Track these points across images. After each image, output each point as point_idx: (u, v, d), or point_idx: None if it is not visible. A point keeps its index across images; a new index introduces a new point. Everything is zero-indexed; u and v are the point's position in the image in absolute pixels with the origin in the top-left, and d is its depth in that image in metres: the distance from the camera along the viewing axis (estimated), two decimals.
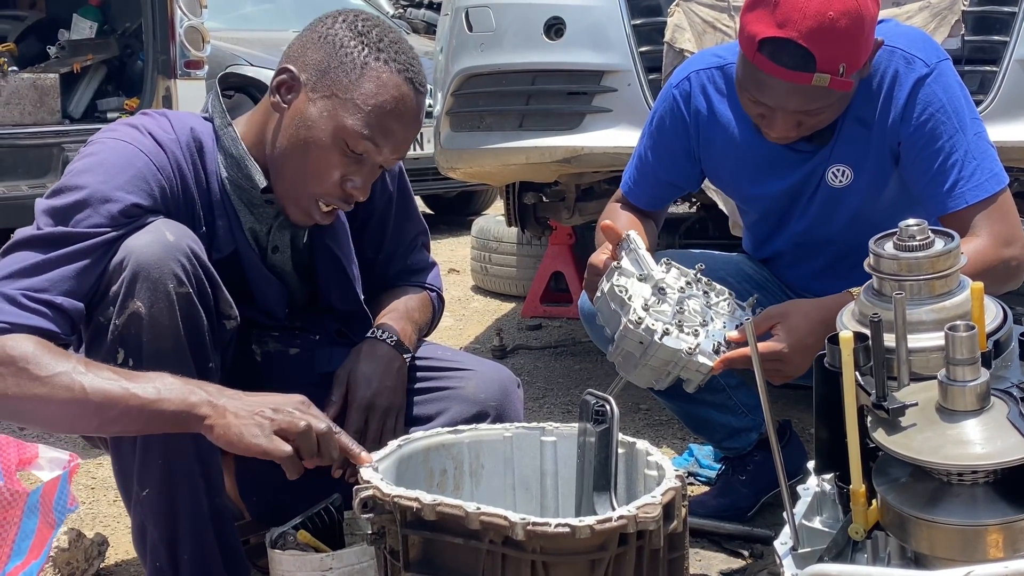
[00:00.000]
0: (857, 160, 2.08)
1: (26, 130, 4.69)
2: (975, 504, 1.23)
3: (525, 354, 3.96)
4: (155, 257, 1.63)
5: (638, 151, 2.31)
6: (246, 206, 1.87)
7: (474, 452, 1.76)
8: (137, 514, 1.76)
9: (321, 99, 1.77)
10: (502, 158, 3.20)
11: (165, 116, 1.83)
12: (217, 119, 1.86)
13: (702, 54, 2.32)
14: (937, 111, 1.98)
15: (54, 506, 1.61)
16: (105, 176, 1.69)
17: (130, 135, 1.76)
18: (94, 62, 5.18)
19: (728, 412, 2.30)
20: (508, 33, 3.16)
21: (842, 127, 2.07)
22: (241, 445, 1.56)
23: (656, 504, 1.38)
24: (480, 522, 1.34)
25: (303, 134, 1.78)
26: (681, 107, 2.20)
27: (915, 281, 1.34)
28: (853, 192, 2.11)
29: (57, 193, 1.69)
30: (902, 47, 2.02)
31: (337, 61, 1.77)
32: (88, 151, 1.76)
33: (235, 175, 1.84)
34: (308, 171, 1.79)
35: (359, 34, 1.79)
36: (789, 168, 2.14)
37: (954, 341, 1.23)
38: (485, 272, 5.07)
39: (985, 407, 1.24)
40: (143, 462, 1.70)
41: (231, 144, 1.84)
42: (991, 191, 1.95)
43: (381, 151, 1.79)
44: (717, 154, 2.20)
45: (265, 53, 6.39)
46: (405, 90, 1.78)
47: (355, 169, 1.80)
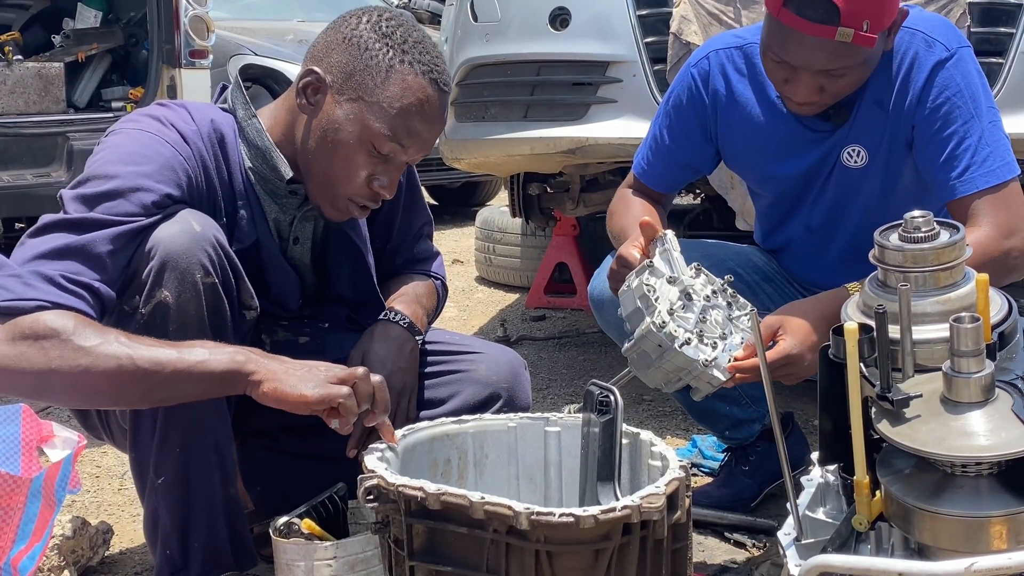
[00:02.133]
0: (873, 142, 2.08)
1: (31, 119, 4.68)
2: (979, 495, 1.23)
3: (529, 345, 3.97)
4: (183, 247, 1.65)
5: (652, 132, 2.29)
6: (270, 196, 1.89)
7: (478, 442, 1.76)
8: (151, 502, 1.76)
9: (347, 102, 1.80)
10: (506, 148, 3.19)
11: (184, 107, 1.84)
12: (240, 110, 1.88)
13: (722, 35, 2.31)
14: (954, 95, 1.98)
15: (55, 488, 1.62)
16: (135, 165, 1.70)
17: (154, 126, 1.77)
18: (99, 51, 5.17)
19: (732, 403, 2.30)
20: (513, 23, 3.15)
21: (860, 107, 2.06)
22: (294, 397, 1.58)
23: (660, 494, 1.38)
24: (484, 511, 1.34)
25: (331, 136, 1.81)
26: (700, 86, 2.19)
27: (920, 273, 1.34)
28: (867, 175, 2.10)
29: (85, 182, 1.70)
30: (924, 30, 2.02)
31: (363, 64, 1.80)
32: (112, 141, 1.77)
33: (260, 166, 1.87)
34: (337, 172, 1.82)
35: (384, 35, 1.81)
36: (807, 148, 2.14)
37: (959, 333, 1.23)
38: (489, 263, 5.07)
39: (989, 399, 1.24)
40: (160, 451, 1.71)
41: (256, 135, 1.86)
42: (1002, 178, 1.96)
43: (407, 151, 1.83)
44: (736, 134, 2.19)
45: (270, 43, 6.39)
46: (430, 92, 1.81)
47: (382, 169, 1.83)
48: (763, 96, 2.13)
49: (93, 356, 1.54)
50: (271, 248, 1.89)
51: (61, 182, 4.50)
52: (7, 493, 1.59)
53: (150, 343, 1.59)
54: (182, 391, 1.62)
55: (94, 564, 2.12)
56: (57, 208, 1.69)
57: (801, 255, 2.30)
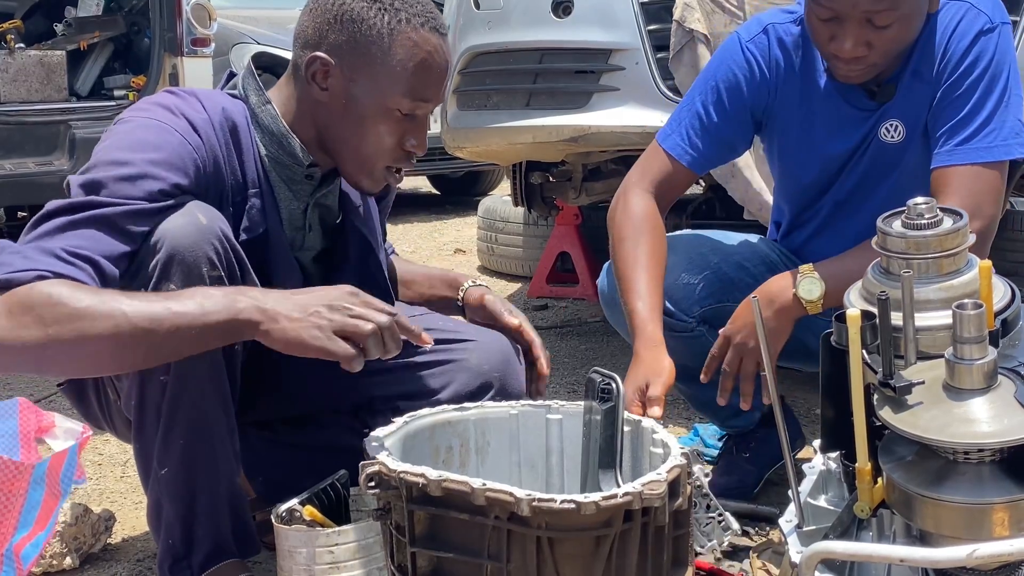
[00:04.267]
0: (912, 115, 2.07)
1: (33, 107, 4.69)
2: (981, 482, 1.23)
3: None
4: (189, 240, 1.64)
5: (693, 108, 2.20)
6: (285, 183, 1.89)
7: (480, 429, 1.76)
8: (154, 491, 1.76)
9: (361, 77, 1.80)
10: (509, 137, 3.19)
11: (194, 95, 1.82)
12: (253, 96, 1.87)
13: (774, 10, 2.26)
14: (986, 67, 1.98)
15: (61, 477, 1.62)
16: (142, 152, 1.68)
17: (163, 115, 1.75)
18: (101, 39, 5.17)
19: (734, 392, 2.30)
20: (515, 11, 3.14)
21: (902, 83, 2.06)
22: (301, 347, 1.58)
23: (661, 481, 1.38)
24: (486, 498, 1.34)
25: (353, 114, 1.82)
26: (759, 62, 2.16)
27: (923, 260, 1.34)
28: (905, 151, 2.09)
29: (92, 168, 1.68)
30: (971, 1, 2.02)
31: (363, 37, 1.79)
32: (121, 129, 1.75)
33: (275, 152, 1.86)
34: (370, 144, 1.83)
35: (373, 2, 1.79)
36: (851, 127, 2.13)
37: (962, 320, 1.23)
38: (491, 252, 5.07)
39: (992, 385, 1.24)
40: (165, 441, 1.71)
41: (271, 121, 1.86)
42: (996, 157, 1.96)
43: (429, 103, 1.84)
44: (792, 108, 2.16)
45: (271, 31, 6.39)
46: (434, 41, 1.82)
47: (410, 128, 1.84)
48: (815, 75, 2.12)
49: (88, 319, 1.51)
50: (279, 239, 1.88)
51: (63, 170, 4.50)
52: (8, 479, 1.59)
53: (147, 297, 1.57)
54: (187, 347, 1.59)
55: (96, 551, 2.12)
56: (60, 195, 1.68)
57: (823, 232, 2.29)
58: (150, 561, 2.10)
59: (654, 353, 1.96)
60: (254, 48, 6.11)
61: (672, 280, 2.16)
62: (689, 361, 2.21)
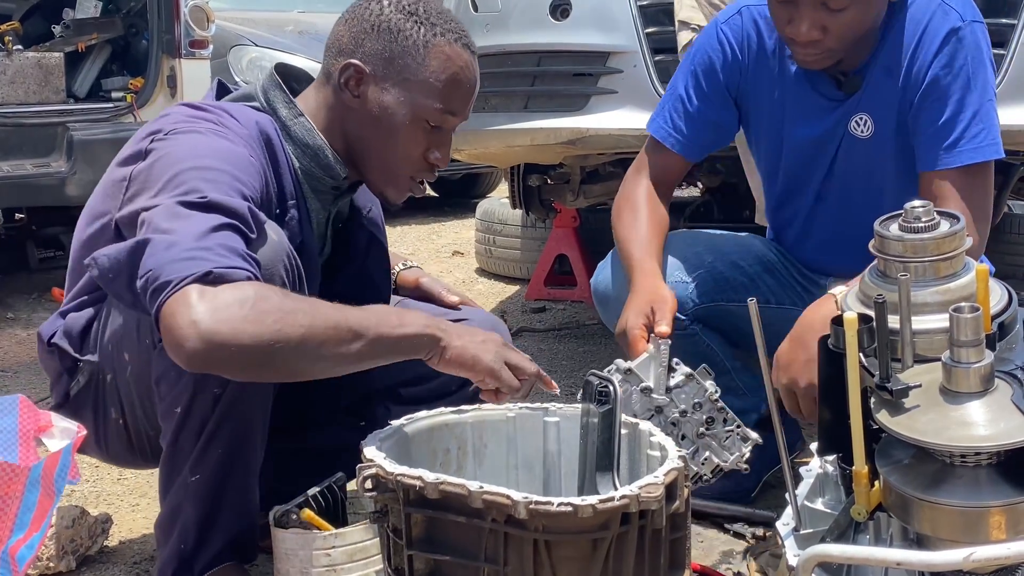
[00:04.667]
0: (881, 112, 2.07)
1: (31, 109, 4.68)
2: (978, 486, 1.23)
3: (529, 336, 3.96)
4: (267, 257, 1.64)
5: (675, 93, 2.25)
6: (314, 194, 1.92)
7: (477, 432, 1.76)
8: (176, 496, 1.76)
9: (393, 86, 1.84)
10: (507, 139, 3.18)
11: (222, 109, 1.81)
12: (284, 109, 1.89)
13: None
14: (961, 67, 1.98)
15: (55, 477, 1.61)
16: (221, 163, 1.67)
17: (215, 128, 1.75)
18: (98, 41, 5.16)
19: (730, 393, 2.29)
20: (514, 13, 3.14)
21: (870, 76, 2.06)
22: (474, 365, 1.68)
23: (658, 484, 1.38)
24: (483, 501, 1.34)
25: (385, 122, 1.85)
26: (732, 43, 2.18)
27: (920, 263, 1.34)
28: (875, 147, 2.09)
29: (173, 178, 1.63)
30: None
31: (400, 47, 1.83)
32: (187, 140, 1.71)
33: (308, 164, 1.88)
34: (398, 153, 1.87)
35: (410, 14, 1.84)
36: (819, 116, 2.13)
37: (958, 323, 1.23)
38: (489, 255, 5.07)
39: (989, 389, 1.24)
40: (204, 450, 1.72)
41: (306, 134, 1.87)
42: (987, 157, 1.97)
43: (457, 118, 1.89)
44: (764, 89, 2.18)
45: (269, 33, 6.39)
46: (466, 57, 1.87)
47: (436, 140, 1.88)
48: (788, 58, 2.13)
49: (311, 318, 1.53)
50: (312, 249, 1.90)
51: (61, 172, 4.50)
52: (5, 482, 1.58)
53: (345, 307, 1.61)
54: (380, 355, 1.64)
55: (92, 553, 2.12)
56: (58, 197, 1.68)
57: (808, 231, 2.29)
58: (147, 564, 2.10)
59: (653, 282, 1.99)
60: (252, 50, 6.13)
61: (665, 279, 2.17)
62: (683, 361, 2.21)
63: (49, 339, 1.86)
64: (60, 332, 1.85)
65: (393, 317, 1.64)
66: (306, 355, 1.54)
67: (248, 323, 1.47)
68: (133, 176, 1.72)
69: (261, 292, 1.51)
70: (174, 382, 1.68)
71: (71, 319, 1.84)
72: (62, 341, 1.84)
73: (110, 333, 1.79)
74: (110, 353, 1.80)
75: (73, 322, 1.84)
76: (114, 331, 1.78)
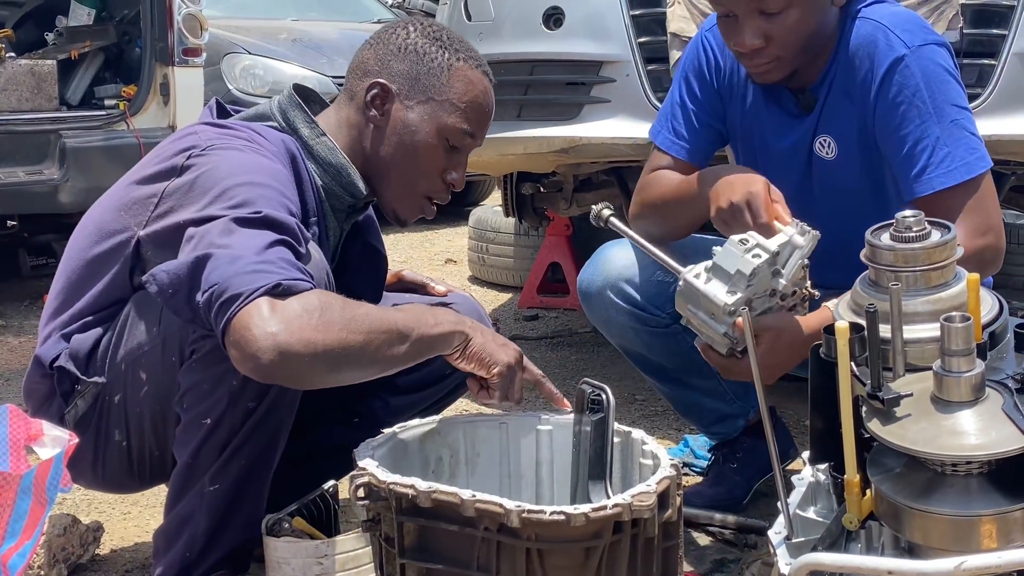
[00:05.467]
0: (842, 133, 2.08)
1: (23, 116, 4.67)
2: (969, 495, 1.23)
3: (522, 344, 3.89)
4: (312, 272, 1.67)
5: (672, 101, 2.26)
6: (333, 212, 1.96)
7: (470, 440, 1.76)
8: (190, 505, 1.78)
9: (418, 105, 1.90)
10: (500, 148, 3.19)
11: (250, 128, 1.84)
12: (305, 129, 1.92)
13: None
14: (912, 94, 1.97)
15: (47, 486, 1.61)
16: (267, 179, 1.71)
17: (250, 146, 1.78)
18: (92, 49, 5.16)
19: (717, 397, 2.31)
20: (507, 22, 3.14)
21: (828, 96, 2.08)
22: (490, 360, 1.72)
23: (651, 493, 1.38)
24: (475, 509, 1.34)
25: (407, 140, 1.91)
26: (715, 50, 2.20)
27: (911, 272, 1.35)
28: (841, 168, 2.10)
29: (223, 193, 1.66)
30: (888, 24, 2.02)
31: (425, 68, 1.90)
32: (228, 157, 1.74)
33: (330, 183, 1.92)
34: (417, 172, 1.93)
35: (435, 39, 1.93)
36: (784, 130, 2.15)
37: (950, 332, 1.23)
38: (482, 262, 5.07)
39: (980, 398, 1.24)
40: (226, 463, 1.74)
41: (328, 153, 1.91)
42: (960, 179, 1.95)
43: (476, 139, 1.95)
44: (738, 97, 2.20)
45: (263, 41, 6.38)
46: (486, 83, 1.96)
47: (454, 162, 1.94)
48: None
49: (369, 324, 1.58)
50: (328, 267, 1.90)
51: (54, 179, 4.49)
52: None
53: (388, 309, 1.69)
54: (421, 353, 1.68)
55: (84, 562, 2.12)
56: (51, 204, 1.69)
57: None
58: (138, 572, 2.10)
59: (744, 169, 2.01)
60: (245, 58, 6.12)
61: (647, 276, 2.20)
62: (667, 361, 2.22)
63: (51, 363, 1.85)
64: (65, 355, 1.83)
65: (429, 316, 1.69)
66: (365, 360, 1.61)
67: (318, 332, 1.53)
68: (167, 192, 1.74)
69: (325, 301, 1.57)
70: (206, 395, 1.70)
71: (77, 341, 1.83)
72: (68, 364, 1.83)
73: (124, 352, 1.79)
74: (122, 372, 1.80)
75: (79, 344, 1.83)
76: (130, 350, 1.78)
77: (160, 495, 2.33)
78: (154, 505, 2.43)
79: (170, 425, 1.78)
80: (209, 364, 1.68)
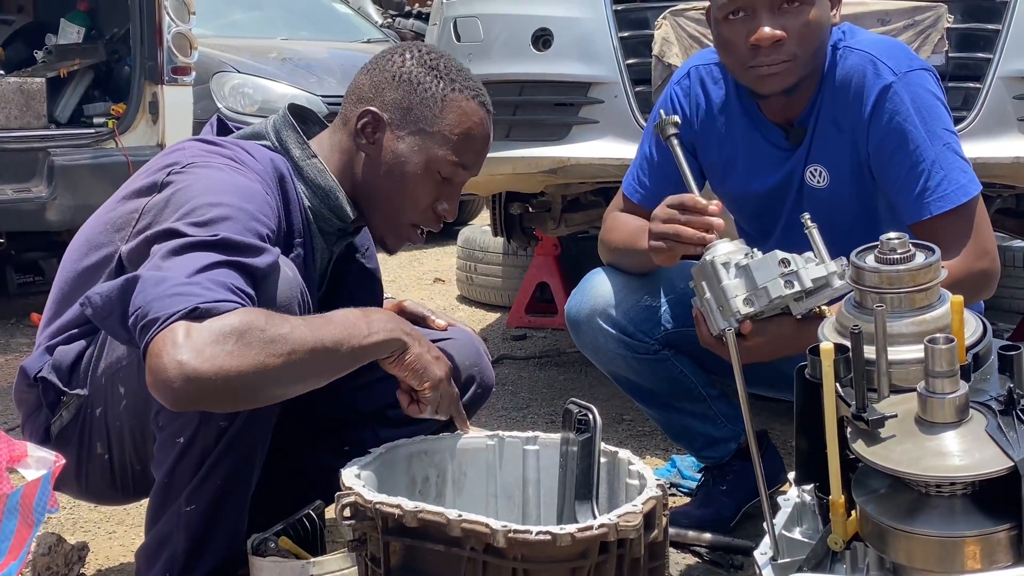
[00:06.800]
0: (833, 162, 2.10)
1: (12, 134, 4.67)
2: (953, 516, 1.24)
3: (509, 364, 3.97)
4: (283, 291, 1.66)
5: (642, 152, 2.31)
6: (321, 234, 1.94)
7: (457, 460, 1.76)
8: (167, 525, 1.76)
9: (409, 135, 1.88)
10: (489, 168, 3.16)
11: (239, 146, 1.83)
12: (296, 150, 1.91)
13: (703, 52, 2.36)
14: (904, 120, 2.00)
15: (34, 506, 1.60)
16: (240, 199, 1.68)
17: (230, 165, 1.76)
18: (81, 67, 5.16)
19: (707, 422, 2.31)
20: (496, 44, 3.16)
21: (816, 126, 2.10)
22: (424, 372, 1.73)
23: (637, 513, 1.38)
24: (462, 529, 1.34)
25: (397, 170, 1.88)
26: (682, 102, 2.24)
27: (896, 294, 1.36)
28: (834, 196, 2.12)
29: (193, 211, 1.65)
30: (874, 53, 2.05)
31: (418, 98, 1.88)
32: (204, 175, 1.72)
33: (318, 205, 1.91)
34: (405, 202, 1.90)
35: (431, 68, 1.90)
36: (772, 166, 2.17)
37: (934, 354, 1.24)
38: (471, 282, 5.08)
39: (964, 419, 1.25)
40: (203, 481, 1.72)
41: (318, 175, 1.90)
42: (957, 202, 1.98)
43: (468, 171, 1.93)
44: (713, 148, 2.22)
45: (252, 60, 6.40)
46: (482, 114, 1.93)
47: (444, 192, 1.92)
48: (737, 111, 2.17)
49: (291, 343, 1.54)
50: (313, 286, 1.90)
51: (41, 197, 4.48)
52: None
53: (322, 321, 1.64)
54: (351, 364, 1.66)
55: None
56: (39, 222, 1.69)
57: None
58: None
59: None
60: (235, 77, 6.13)
61: (634, 302, 2.21)
62: (656, 386, 2.23)
63: (35, 375, 1.84)
64: (48, 367, 1.83)
65: (362, 325, 1.66)
66: (288, 380, 1.58)
67: (232, 358, 1.48)
68: (146, 208, 1.73)
69: (246, 322, 1.51)
70: (178, 413, 1.68)
71: (60, 352, 1.83)
72: (50, 375, 1.82)
73: (105, 366, 1.78)
74: (103, 386, 1.79)
75: (62, 356, 1.83)
76: (110, 364, 1.78)
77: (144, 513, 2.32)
78: (139, 524, 2.42)
79: (149, 440, 1.77)
80: None
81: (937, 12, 2.71)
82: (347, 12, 8.24)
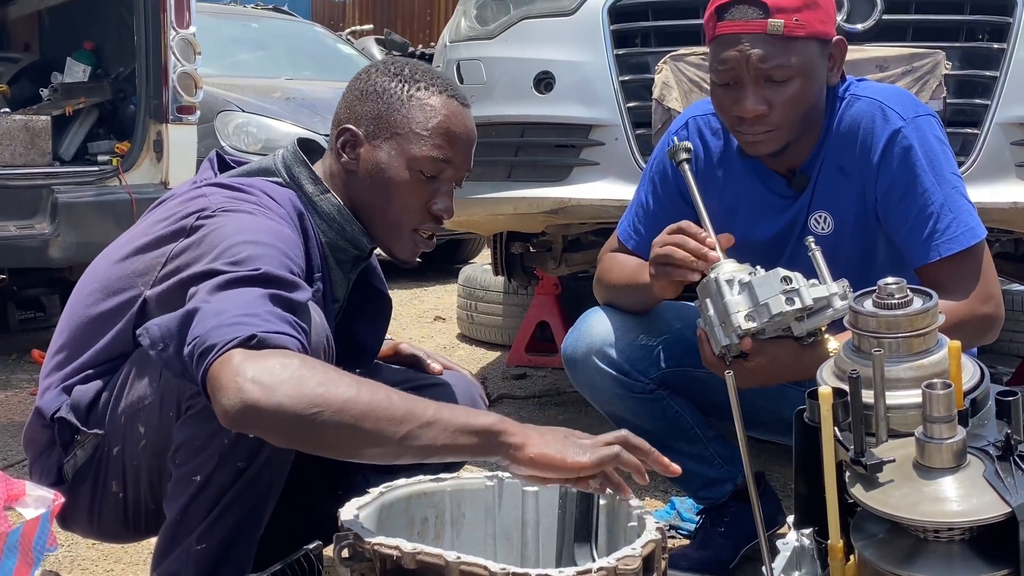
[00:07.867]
0: (838, 208, 2.12)
1: (16, 171, 4.68)
2: (951, 561, 1.24)
3: (509, 403, 3.97)
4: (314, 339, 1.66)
5: (638, 199, 2.33)
6: (338, 265, 1.98)
7: (456, 501, 1.76)
8: (177, 562, 1.76)
9: (383, 142, 1.91)
10: (490, 208, 3.22)
11: (255, 187, 1.84)
12: (310, 186, 1.94)
13: (701, 102, 2.38)
14: (914, 164, 2.03)
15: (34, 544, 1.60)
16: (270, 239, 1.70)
17: (258, 209, 1.78)
18: (86, 105, 5.20)
19: (704, 463, 2.31)
20: (498, 86, 3.19)
21: (821, 173, 2.12)
22: (561, 462, 1.53)
23: (636, 556, 1.38)
24: (460, 571, 1.34)
25: (380, 179, 1.91)
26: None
27: (894, 339, 1.36)
28: (838, 242, 2.13)
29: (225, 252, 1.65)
30: (881, 99, 2.08)
31: (385, 105, 1.92)
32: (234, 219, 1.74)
33: (334, 238, 1.94)
34: (397, 208, 1.93)
35: (394, 75, 1.94)
36: (774, 214, 2.18)
37: (931, 399, 1.25)
38: (471, 320, 5.08)
39: (962, 464, 1.25)
40: (215, 522, 1.72)
41: (333, 210, 1.93)
42: (966, 244, 2.00)
43: (452, 165, 1.93)
44: (714, 198, 2.22)
45: (256, 99, 6.44)
46: (453, 105, 1.94)
47: (435, 191, 1.93)
48: (736, 161, 2.19)
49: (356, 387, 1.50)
50: (331, 318, 1.91)
51: (45, 234, 4.50)
52: None
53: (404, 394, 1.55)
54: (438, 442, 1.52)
55: None
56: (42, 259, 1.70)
57: None
58: None
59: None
60: (239, 116, 6.17)
61: (630, 341, 2.21)
62: (652, 426, 2.23)
63: (52, 414, 1.85)
64: (66, 406, 1.84)
65: (460, 409, 1.58)
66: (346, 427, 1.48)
67: (288, 385, 1.47)
68: (174, 253, 1.75)
69: (307, 361, 1.52)
70: (197, 451, 1.69)
71: (78, 392, 1.84)
72: (68, 415, 1.83)
73: (125, 405, 1.79)
74: (121, 425, 1.80)
75: (81, 395, 1.83)
76: (130, 403, 1.79)
77: (142, 551, 2.31)
78: (137, 563, 2.42)
79: (165, 479, 1.78)
80: (202, 421, 1.68)
81: (935, 59, 2.73)
82: (351, 52, 8.30)
